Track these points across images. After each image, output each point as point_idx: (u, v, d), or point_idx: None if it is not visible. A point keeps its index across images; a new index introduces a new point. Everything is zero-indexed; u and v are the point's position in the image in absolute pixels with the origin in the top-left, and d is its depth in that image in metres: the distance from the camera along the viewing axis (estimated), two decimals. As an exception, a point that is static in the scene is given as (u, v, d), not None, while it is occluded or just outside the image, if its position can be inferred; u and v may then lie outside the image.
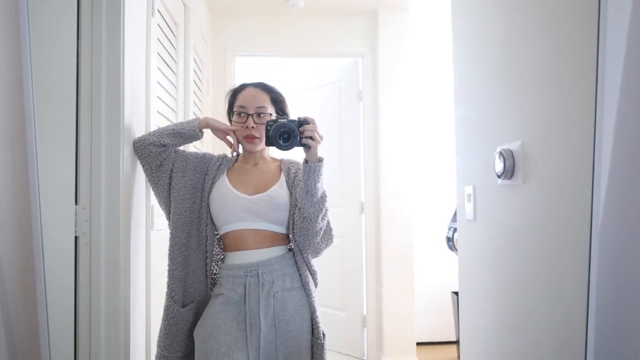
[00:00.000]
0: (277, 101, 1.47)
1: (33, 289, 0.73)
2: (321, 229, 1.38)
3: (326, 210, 1.38)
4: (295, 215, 1.36)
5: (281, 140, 1.31)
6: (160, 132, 1.41)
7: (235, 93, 1.48)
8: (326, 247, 1.43)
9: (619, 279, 0.63)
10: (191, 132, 1.42)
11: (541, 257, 1.00)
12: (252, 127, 1.40)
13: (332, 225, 1.45)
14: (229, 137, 1.45)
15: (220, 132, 1.46)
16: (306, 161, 1.33)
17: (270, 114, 1.43)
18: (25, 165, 0.70)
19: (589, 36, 0.80)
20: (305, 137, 1.31)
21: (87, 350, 1.28)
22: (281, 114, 1.47)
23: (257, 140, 1.42)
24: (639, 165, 0.61)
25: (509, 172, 1.11)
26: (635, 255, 0.61)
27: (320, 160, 1.33)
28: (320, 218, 1.36)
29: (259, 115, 1.41)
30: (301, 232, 1.36)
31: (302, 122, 1.32)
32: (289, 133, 1.31)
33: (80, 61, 1.29)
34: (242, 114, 1.42)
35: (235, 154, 1.49)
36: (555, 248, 0.95)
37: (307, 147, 1.32)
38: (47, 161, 1.21)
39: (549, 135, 0.97)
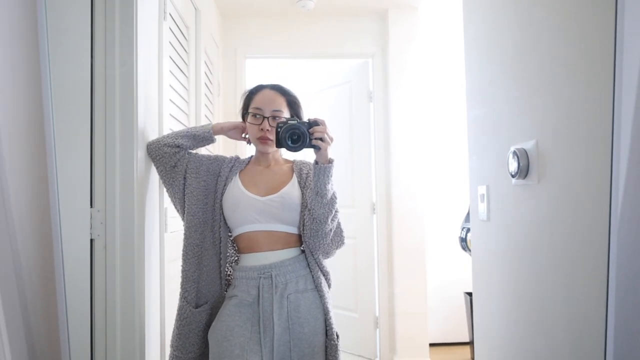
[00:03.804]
0: (293, 104, 1.48)
1: (53, 291, 0.74)
2: (331, 230, 1.38)
3: (336, 211, 1.38)
4: (305, 216, 1.37)
5: (290, 142, 1.32)
6: (175, 134, 1.45)
7: (251, 94, 1.49)
8: (337, 248, 1.44)
9: (638, 277, 0.62)
10: (205, 134, 1.46)
11: (558, 257, 0.99)
12: (268, 130, 1.41)
13: (344, 226, 1.45)
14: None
15: (234, 133, 1.52)
16: (316, 162, 1.33)
17: (286, 118, 1.44)
18: (45, 169, 0.71)
19: (605, 33, 0.79)
20: (315, 139, 1.31)
21: (103, 350, 1.29)
22: (295, 116, 1.48)
23: (270, 142, 1.43)
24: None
25: (523, 171, 1.10)
26: (655, 255, 0.60)
27: (330, 161, 1.33)
28: (330, 219, 1.36)
29: (274, 118, 1.42)
30: (311, 233, 1.36)
31: (312, 124, 1.32)
32: (299, 134, 1.31)
33: (94, 66, 1.30)
34: (258, 116, 1.43)
35: (249, 146, 1.54)
36: (573, 247, 0.93)
37: (317, 149, 1.32)
38: (63, 165, 1.23)
39: (564, 134, 0.96)
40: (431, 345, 3.13)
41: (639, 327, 0.62)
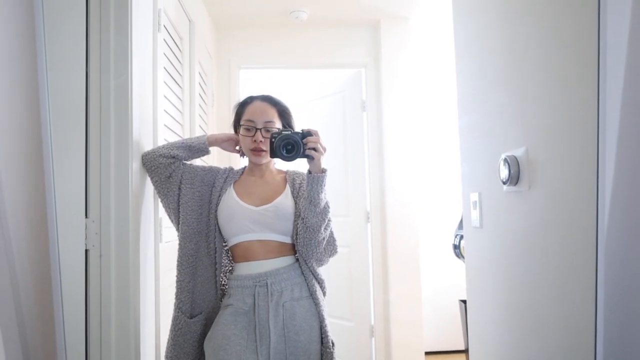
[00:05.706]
0: (284, 114, 1.50)
1: (49, 302, 0.74)
2: (324, 239, 1.40)
3: (329, 220, 1.40)
4: (298, 225, 1.37)
5: (284, 152, 1.34)
6: (170, 145, 1.46)
7: (242, 106, 1.51)
8: (330, 257, 1.45)
9: (626, 282, 0.64)
10: (200, 145, 1.47)
11: (549, 263, 1.00)
12: (261, 141, 1.42)
13: (338, 235, 1.46)
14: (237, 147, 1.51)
15: (228, 145, 1.52)
16: (310, 172, 1.35)
17: (278, 129, 1.45)
18: (42, 179, 0.72)
19: (590, 42, 0.82)
20: (309, 149, 1.33)
21: (97, 363, 1.28)
22: (287, 126, 1.49)
23: (264, 153, 1.44)
24: (642, 169, 0.62)
25: (514, 178, 1.11)
26: (642, 258, 0.62)
27: (324, 171, 1.35)
28: (323, 228, 1.37)
29: (267, 129, 1.43)
30: (304, 242, 1.37)
31: (306, 134, 1.34)
32: (293, 145, 1.33)
33: (89, 78, 1.31)
34: (250, 128, 1.44)
35: (242, 158, 1.54)
36: (563, 253, 0.95)
37: (310, 159, 1.34)
38: (58, 175, 1.23)
39: (553, 141, 0.98)
40: (426, 354, 3.12)
41: (628, 330, 0.64)
